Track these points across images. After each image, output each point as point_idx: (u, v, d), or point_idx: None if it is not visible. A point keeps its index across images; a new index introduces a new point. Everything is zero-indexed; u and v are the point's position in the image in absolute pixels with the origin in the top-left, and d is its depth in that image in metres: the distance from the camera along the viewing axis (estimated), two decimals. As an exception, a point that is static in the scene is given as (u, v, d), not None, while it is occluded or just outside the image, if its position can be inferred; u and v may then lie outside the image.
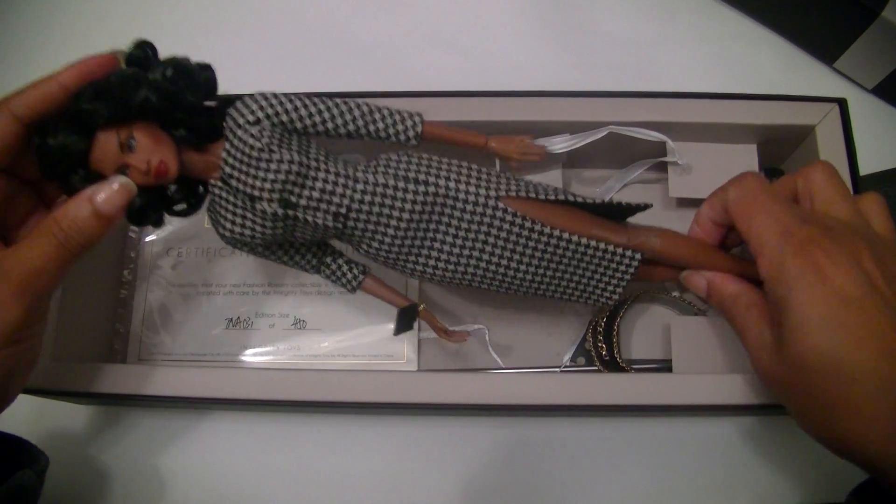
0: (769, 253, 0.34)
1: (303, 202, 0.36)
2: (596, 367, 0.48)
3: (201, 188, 0.40)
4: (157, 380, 0.42)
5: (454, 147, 0.42)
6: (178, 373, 0.43)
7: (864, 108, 0.55)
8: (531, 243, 0.39)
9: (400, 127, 0.40)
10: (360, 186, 0.37)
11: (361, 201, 0.37)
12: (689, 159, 0.48)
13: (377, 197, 0.37)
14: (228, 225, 0.37)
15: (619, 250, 0.40)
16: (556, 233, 0.39)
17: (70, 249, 0.33)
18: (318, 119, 0.38)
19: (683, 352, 0.45)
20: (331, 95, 0.39)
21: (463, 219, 0.39)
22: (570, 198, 0.40)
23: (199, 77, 0.36)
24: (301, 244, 0.41)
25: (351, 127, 0.39)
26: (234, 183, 0.36)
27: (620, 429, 0.49)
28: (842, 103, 0.46)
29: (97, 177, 0.34)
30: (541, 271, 0.40)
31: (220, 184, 0.37)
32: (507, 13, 0.61)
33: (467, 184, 0.38)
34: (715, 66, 0.58)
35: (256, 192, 0.36)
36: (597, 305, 0.43)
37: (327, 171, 0.37)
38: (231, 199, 0.36)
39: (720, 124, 0.47)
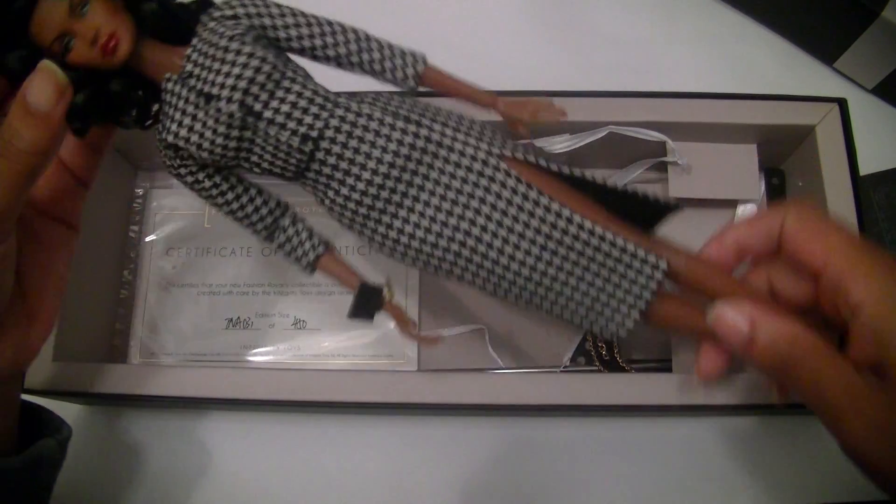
0: (876, 285, 0.26)
1: (267, 113, 0.31)
2: (596, 367, 0.48)
3: (145, 94, 0.33)
4: (158, 380, 0.42)
5: (456, 99, 0.36)
6: (178, 373, 0.43)
7: (864, 108, 0.55)
8: (533, 221, 0.32)
9: (398, 62, 0.34)
10: (339, 112, 0.31)
11: (338, 129, 0.31)
12: (689, 159, 0.48)
13: (357, 129, 0.31)
14: (174, 127, 0.31)
15: (641, 252, 0.32)
16: (566, 212, 0.31)
17: (16, 161, 0.29)
18: (304, 31, 0.33)
19: (683, 352, 0.45)
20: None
21: (455, 175, 0.32)
22: (589, 177, 0.32)
23: None
24: (257, 192, 0.34)
25: (342, 50, 0.33)
26: (192, 82, 0.31)
27: (620, 429, 0.49)
28: (842, 103, 0.46)
29: (35, 52, 0.29)
30: (539, 265, 0.32)
31: (175, 77, 0.31)
32: (506, 13, 0.61)
33: (466, 135, 0.33)
34: (715, 66, 0.58)
35: (215, 90, 0.30)
36: (601, 331, 0.33)
37: (303, 86, 0.31)
38: (184, 93, 0.30)
39: (720, 124, 0.47)
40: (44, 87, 0.28)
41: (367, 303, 0.34)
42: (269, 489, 0.49)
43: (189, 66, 0.31)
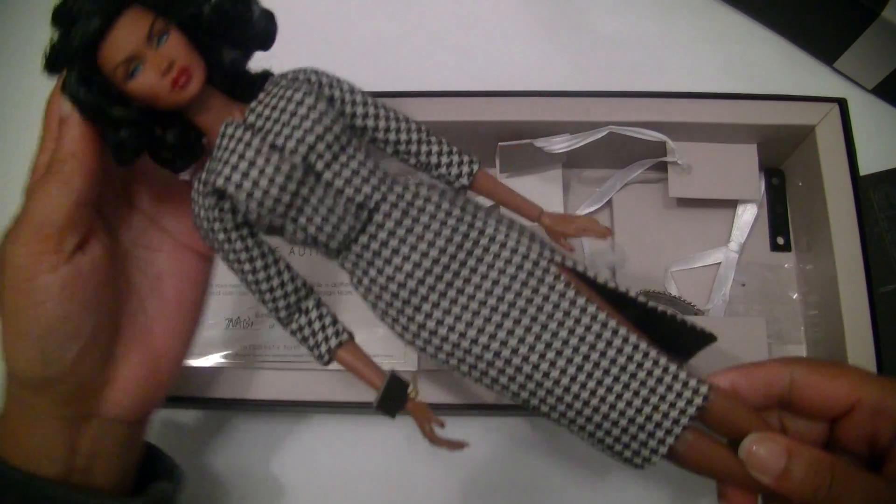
0: None
1: (327, 175, 0.30)
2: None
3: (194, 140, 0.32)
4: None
5: (502, 206, 0.36)
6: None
7: (864, 108, 0.55)
8: (578, 329, 0.30)
9: (455, 159, 0.34)
10: (398, 189, 0.31)
11: (395, 205, 0.31)
12: (689, 159, 0.48)
13: (413, 209, 0.31)
14: (227, 170, 0.29)
15: (683, 375, 0.29)
16: (612, 323, 0.30)
17: (60, 172, 0.30)
18: (371, 111, 0.32)
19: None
20: None
21: (505, 272, 0.31)
22: (632, 294, 0.32)
23: (259, 21, 0.31)
24: (286, 266, 0.33)
25: (403, 136, 0.33)
26: (255, 130, 0.30)
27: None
28: (842, 103, 0.46)
29: (95, 76, 0.28)
30: (580, 377, 0.30)
31: (236, 122, 0.30)
32: (506, 13, 0.61)
33: (520, 234, 0.31)
34: (715, 66, 0.58)
35: (280, 141, 0.29)
36: (632, 456, 0.30)
37: (366, 157, 0.31)
38: (246, 137, 0.29)
39: (720, 124, 0.47)
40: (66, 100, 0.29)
41: (394, 398, 0.32)
42: (268, 488, 0.49)
43: (252, 118, 0.30)
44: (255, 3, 0.31)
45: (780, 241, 0.51)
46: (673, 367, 0.30)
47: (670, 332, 0.33)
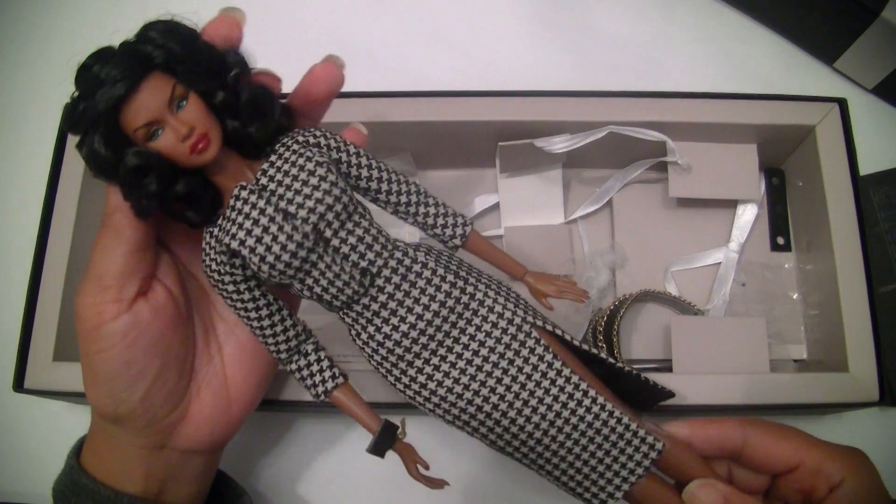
0: (849, 462, 0.32)
1: (335, 242, 0.31)
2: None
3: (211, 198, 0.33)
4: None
5: (490, 263, 0.38)
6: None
7: (864, 108, 0.55)
8: (553, 389, 0.33)
9: (450, 220, 0.36)
10: (398, 255, 0.33)
11: (395, 270, 0.33)
12: (690, 159, 0.48)
13: (411, 274, 0.33)
14: (241, 234, 0.30)
15: (642, 433, 0.33)
16: (583, 385, 0.33)
17: (110, 226, 0.32)
18: (374, 174, 0.34)
19: (683, 352, 0.45)
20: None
21: (491, 335, 0.33)
22: (601, 355, 0.35)
23: (273, 110, 0.32)
24: (288, 313, 0.35)
25: (402, 199, 0.35)
26: (267, 195, 0.31)
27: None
28: (842, 103, 0.46)
29: (116, 136, 0.29)
30: (551, 431, 0.33)
31: (250, 187, 0.31)
32: (507, 13, 0.61)
33: (506, 299, 0.34)
34: (715, 66, 0.58)
35: (292, 209, 0.30)
36: (590, 499, 0.34)
37: (370, 224, 0.33)
38: (259, 204, 0.30)
39: (720, 124, 0.47)
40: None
41: (385, 440, 0.35)
42: (268, 489, 0.49)
43: (264, 180, 0.31)
44: (278, 103, 0.32)
45: (780, 241, 0.51)
46: (633, 425, 0.33)
47: (632, 389, 0.37)
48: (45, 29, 0.62)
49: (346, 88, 0.39)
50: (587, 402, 0.33)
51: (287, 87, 0.40)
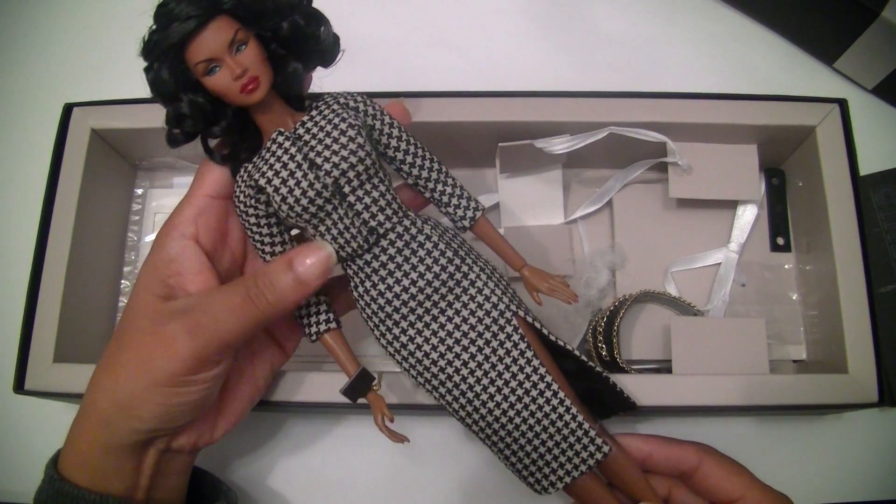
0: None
1: (351, 198, 0.34)
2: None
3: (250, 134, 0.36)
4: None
5: (492, 250, 0.40)
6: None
7: (864, 108, 0.55)
8: (519, 376, 0.36)
9: (463, 202, 0.38)
10: (406, 222, 0.36)
11: (400, 235, 0.35)
12: (690, 159, 0.48)
13: (414, 242, 0.36)
14: (269, 173, 0.34)
15: (592, 434, 0.35)
16: (548, 379, 0.36)
17: (258, 307, 0.34)
18: (403, 145, 0.37)
19: (683, 352, 0.45)
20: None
21: (475, 314, 0.36)
22: (574, 352, 0.37)
23: (327, 40, 0.35)
24: None
25: (424, 173, 0.37)
26: (301, 144, 0.34)
27: (620, 429, 0.49)
28: (842, 103, 0.46)
29: (182, 71, 0.32)
30: (510, 413, 0.36)
31: (287, 133, 0.34)
32: (507, 13, 0.61)
33: (496, 284, 0.37)
34: (715, 66, 0.58)
35: (319, 160, 0.33)
36: (534, 488, 0.37)
37: (387, 189, 0.35)
38: (292, 150, 0.34)
39: (720, 124, 0.47)
40: (318, 265, 0.34)
41: (359, 386, 0.37)
42: (267, 489, 0.49)
43: (301, 131, 0.34)
44: (327, 25, 0.35)
45: (780, 241, 0.51)
46: (586, 425, 0.35)
47: (599, 390, 0.38)
48: (45, 29, 0.62)
49: (346, 88, 0.39)
50: (548, 394, 0.36)
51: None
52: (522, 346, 0.36)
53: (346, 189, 0.34)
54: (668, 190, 0.49)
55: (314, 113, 0.35)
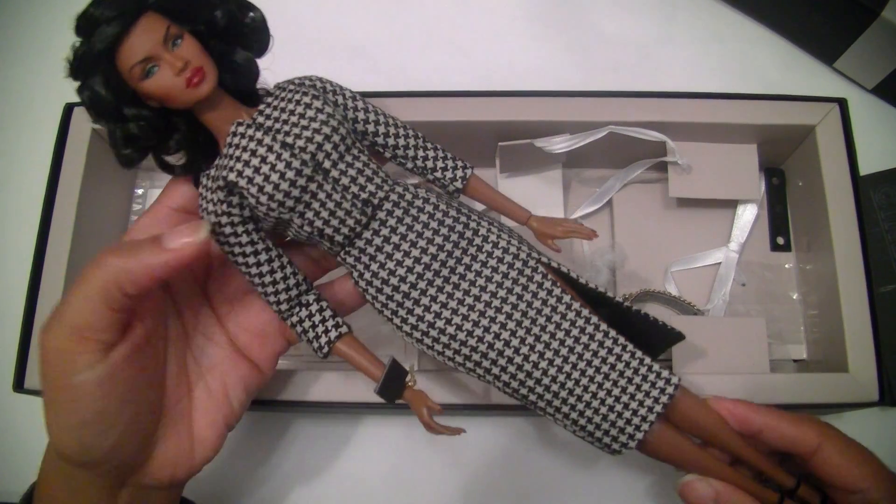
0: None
1: (334, 173, 0.31)
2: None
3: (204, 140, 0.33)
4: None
5: (492, 208, 0.38)
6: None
7: (864, 108, 0.55)
8: (564, 323, 0.32)
9: (450, 164, 0.36)
10: (399, 189, 0.33)
11: (397, 203, 0.33)
12: (689, 159, 0.48)
13: (413, 208, 0.33)
14: (238, 165, 0.30)
15: (657, 367, 0.32)
16: (594, 319, 0.33)
17: (107, 275, 0.29)
18: (371, 117, 0.34)
19: (683, 352, 0.45)
20: None
21: (497, 269, 0.33)
22: (610, 294, 0.34)
23: (262, 27, 0.33)
24: (288, 261, 0.34)
25: (402, 142, 0.35)
26: (266, 129, 0.31)
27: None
28: (842, 103, 0.46)
29: (118, 82, 0.29)
30: (566, 367, 0.32)
31: (248, 122, 0.31)
32: (507, 13, 0.61)
33: (509, 236, 0.34)
34: (715, 66, 0.58)
35: (290, 139, 0.31)
36: (611, 448, 0.33)
37: (369, 159, 0.33)
38: (257, 135, 0.31)
39: (720, 124, 0.47)
40: (185, 234, 0.29)
41: (394, 383, 0.33)
42: (266, 489, 0.49)
43: (261, 119, 0.32)
44: (256, 10, 0.33)
45: (780, 241, 0.51)
46: (648, 359, 0.33)
47: (641, 331, 0.35)
48: (45, 28, 0.62)
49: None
50: (599, 335, 0.32)
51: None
52: (557, 291, 0.33)
53: (327, 164, 0.31)
54: (668, 189, 0.49)
55: (270, 100, 0.33)
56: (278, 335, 0.37)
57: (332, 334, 0.34)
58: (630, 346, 0.33)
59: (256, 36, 0.33)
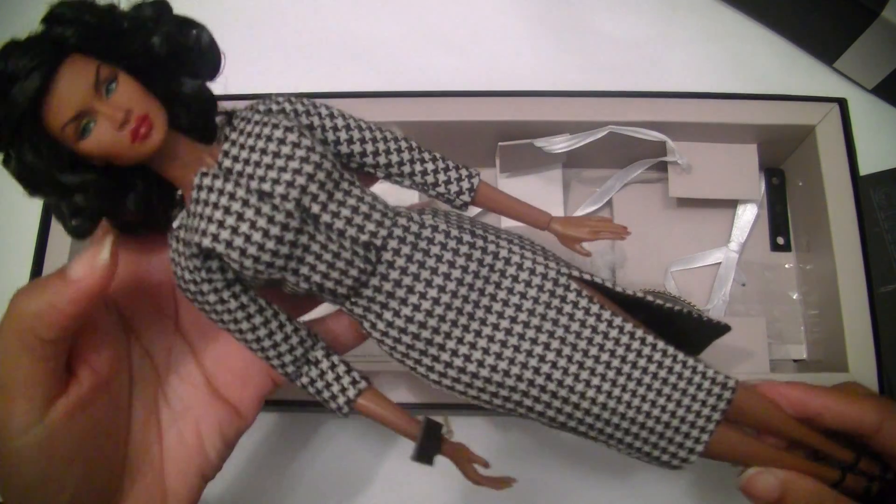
0: None
1: (326, 217, 0.27)
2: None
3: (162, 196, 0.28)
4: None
5: (507, 217, 0.34)
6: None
7: (864, 108, 0.55)
8: (608, 343, 0.30)
9: (452, 174, 0.31)
10: (402, 221, 0.28)
11: (402, 240, 0.28)
12: (690, 159, 0.48)
13: (422, 241, 0.28)
14: (212, 228, 0.25)
15: (710, 372, 0.30)
16: (639, 333, 0.30)
17: (19, 328, 0.25)
18: (355, 135, 0.29)
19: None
20: (331, 96, 0.38)
21: (526, 295, 0.29)
22: (643, 297, 0.31)
23: (208, 45, 0.27)
24: (287, 317, 0.29)
25: (395, 157, 0.30)
26: (235, 177, 0.26)
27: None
28: (842, 103, 0.46)
29: (48, 146, 0.24)
30: (615, 391, 0.29)
31: (213, 172, 0.26)
32: (507, 13, 0.61)
33: (533, 252, 0.30)
34: (715, 66, 0.58)
35: (267, 186, 0.26)
36: (671, 464, 0.31)
37: (362, 191, 0.28)
38: (227, 188, 0.26)
39: (720, 124, 0.47)
40: (85, 260, 0.26)
41: (430, 443, 0.29)
42: (265, 489, 0.49)
43: (227, 163, 0.27)
44: (199, 28, 0.27)
45: (780, 241, 0.51)
46: (700, 365, 0.30)
47: (680, 330, 0.33)
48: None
49: (346, 88, 0.39)
50: (647, 350, 0.30)
51: (286, 85, 0.39)
52: (595, 308, 0.30)
53: (316, 209, 0.27)
54: (668, 189, 0.49)
55: (234, 136, 0.27)
56: (263, 375, 0.32)
57: (351, 392, 0.30)
58: (680, 356, 0.30)
59: (205, 58, 0.27)
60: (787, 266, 0.51)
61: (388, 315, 0.29)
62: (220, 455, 0.32)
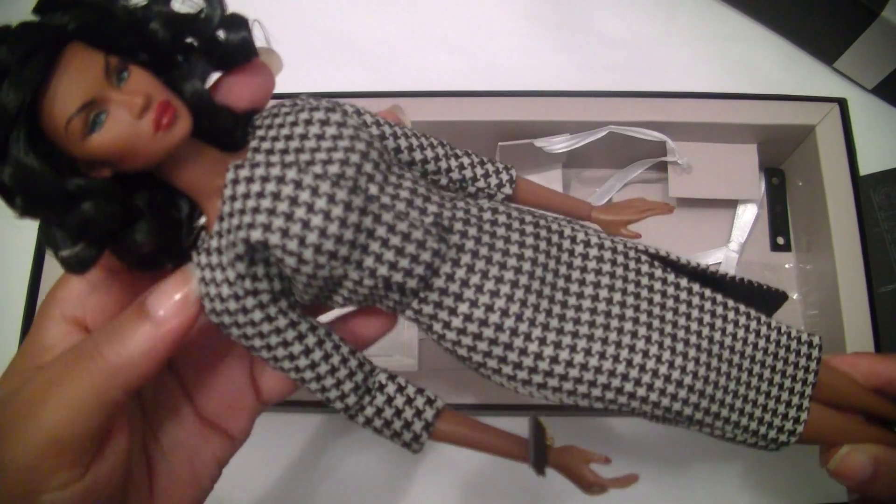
0: None
1: (385, 199, 0.24)
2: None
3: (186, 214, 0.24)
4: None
5: (548, 210, 0.31)
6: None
7: (864, 108, 0.55)
8: (694, 312, 0.27)
9: (489, 168, 0.28)
10: (461, 204, 0.26)
11: (466, 221, 0.25)
12: (689, 159, 0.48)
13: (486, 224, 0.26)
14: (261, 218, 0.22)
15: (794, 332, 0.28)
16: (720, 298, 0.27)
17: (102, 376, 0.23)
18: (387, 130, 0.26)
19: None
20: (331, 96, 0.39)
21: (601, 272, 0.26)
22: (705, 267, 0.29)
23: (225, 23, 0.23)
24: (340, 338, 0.26)
25: (430, 153, 0.27)
26: (279, 164, 0.23)
27: (622, 428, 0.49)
28: (842, 103, 0.46)
29: (44, 144, 0.20)
30: (711, 375, 0.26)
31: (247, 164, 0.23)
32: (507, 13, 0.61)
33: (594, 229, 0.28)
34: (715, 66, 0.58)
35: (318, 168, 0.22)
36: (775, 443, 0.28)
37: (414, 175, 0.25)
38: (272, 173, 0.22)
39: (720, 124, 0.47)
40: (171, 293, 0.23)
41: (541, 450, 0.26)
42: (265, 489, 0.49)
43: (260, 157, 0.23)
44: (216, 3, 0.23)
45: (780, 240, 0.51)
46: (784, 325, 0.28)
47: (742, 299, 0.30)
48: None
49: (346, 88, 0.39)
50: (731, 314, 0.27)
51: (286, 85, 0.39)
52: (671, 277, 0.27)
53: (373, 189, 0.23)
54: (668, 189, 0.49)
55: (261, 132, 0.24)
56: (255, 400, 0.30)
57: (429, 414, 0.25)
58: (763, 317, 0.28)
59: (219, 40, 0.23)
60: (787, 266, 0.51)
61: (463, 308, 0.25)
62: (213, 479, 0.30)
